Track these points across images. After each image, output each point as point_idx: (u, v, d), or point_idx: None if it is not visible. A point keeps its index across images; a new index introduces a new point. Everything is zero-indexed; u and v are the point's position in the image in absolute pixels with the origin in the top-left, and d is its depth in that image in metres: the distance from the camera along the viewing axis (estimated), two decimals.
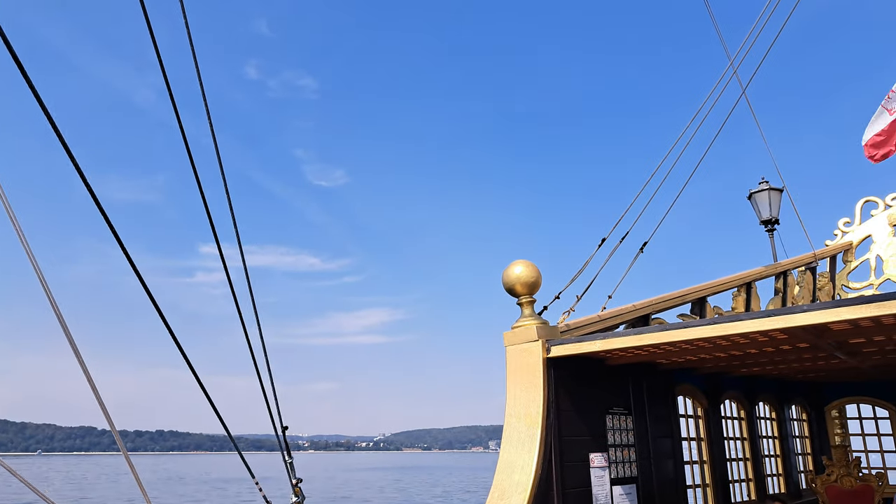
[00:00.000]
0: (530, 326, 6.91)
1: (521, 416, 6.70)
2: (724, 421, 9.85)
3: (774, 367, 9.39)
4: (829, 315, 5.70)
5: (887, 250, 12.89)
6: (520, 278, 6.99)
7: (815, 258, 12.29)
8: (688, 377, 9.11)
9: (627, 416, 7.70)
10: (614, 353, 7.28)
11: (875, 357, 8.55)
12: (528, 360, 6.84)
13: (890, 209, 13.03)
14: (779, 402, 11.36)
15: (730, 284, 10.35)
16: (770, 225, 13.54)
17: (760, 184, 13.81)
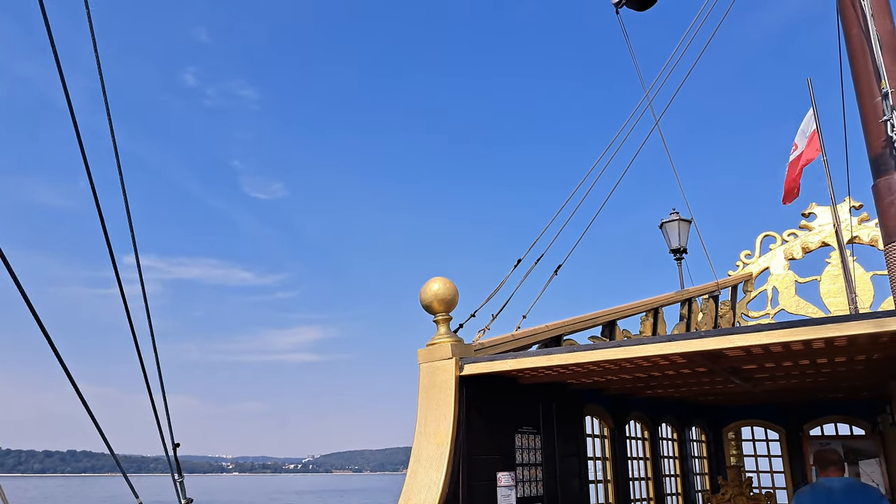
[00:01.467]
0: (445, 344, 6.92)
1: (430, 434, 6.67)
2: (628, 441, 10.18)
3: (676, 390, 9.81)
4: (723, 342, 6.02)
5: (783, 282, 13.82)
6: (437, 295, 7.00)
7: (717, 287, 13.01)
8: (596, 398, 9.37)
9: (536, 435, 7.81)
10: (526, 372, 7.40)
11: (767, 382, 9.09)
12: (441, 378, 6.83)
13: (786, 244, 14.01)
14: (680, 423, 11.87)
15: (639, 309, 10.79)
16: (678, 254, 14.26)
17: (671, 214, 14.55)
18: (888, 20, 6.01)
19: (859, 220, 13.18)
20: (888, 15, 6.08)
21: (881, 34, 5.73)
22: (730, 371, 7.98)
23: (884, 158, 5.52)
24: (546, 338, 8.30)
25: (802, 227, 13.86)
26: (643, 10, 9.31)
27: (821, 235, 13.54)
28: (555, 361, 6.74)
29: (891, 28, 5.96)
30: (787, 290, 13.73)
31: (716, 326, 12.81)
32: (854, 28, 5.99)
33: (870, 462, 11.72)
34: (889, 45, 5.80)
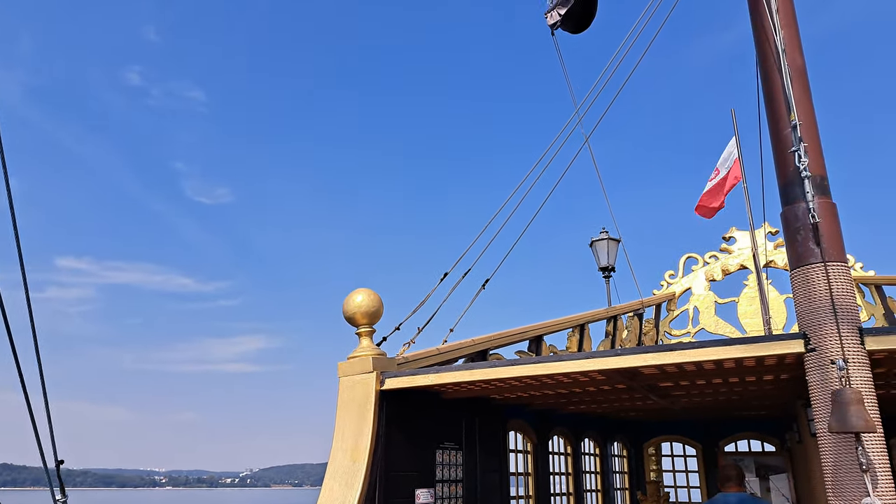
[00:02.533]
0: (366, 357, 6.77)
1: (347, 450, 6.49)
2: (551, 456, 10.25)
3: (599, 406, 9.96)
4: (639, 360, 6.13)
5: (703, 303, 14.33)
6: (360, 307, 6.85)
7: (642, 305, 13.36)
8: (519, 413, 9.39)
9: (458, 450, 7.74)
10: (449, 387, 7.33)
11: (683, 400, 9.35)
12: (361, 392, 6.67)
13: (707, 265, 14.55)
14: (602, 438, 12.06)
15: (565, 325, 10.92)
16: (606, 272, 14.59)
17: (601, 233, 14.89)
18: (799, 56, 6.32)
19: (775, 245, 13.84)
20: (799, 51, 6.40)
21: (792, 69, 6.01)
22: (648, 388, 8.16)
23: (792, 187, 5.77)
24: (472, 352, 8.26)
25: (723, 250, 14.44)
26: (577, 32, 9.52)
27: (739, 259, 14.14)
28: (478, 376, 6.70)
29: (801, 64, 6.27)
30: (707, 310, 14.24)
31: (639, 344, 13.13)
32: (768, 62, 6.27)
33: (780, 477, 12.24)
34: (799, 80, 6.09)
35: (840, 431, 4.85)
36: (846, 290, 5.39)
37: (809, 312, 5.50)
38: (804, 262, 5.57)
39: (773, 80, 6.16)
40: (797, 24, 6.36)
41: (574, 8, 9.09)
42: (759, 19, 6.40)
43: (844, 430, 4.77)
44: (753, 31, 6.54)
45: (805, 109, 5.90)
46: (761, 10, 6.29)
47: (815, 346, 5.37)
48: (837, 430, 4.82)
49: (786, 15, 6.26)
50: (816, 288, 5.44)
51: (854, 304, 5.43)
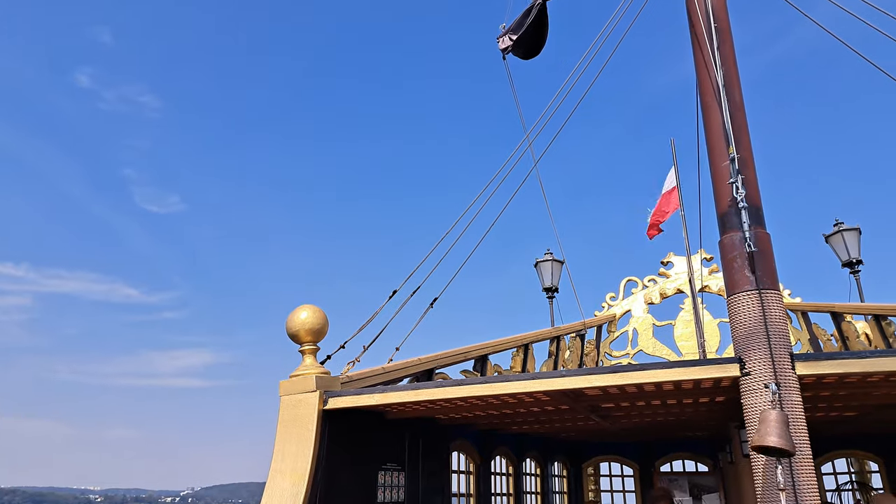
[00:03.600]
0: (309, 376, 6.61)
1: (286, 472, 6.29)
2: (493, 477, 10.24)
3: (541, 426, 10.04)
4: (583, 381, 6.23)
5: (642, 325, 14.72)
6: (304, 324, 6.70)
7: (584, 326, 13.61)
8: (463, 433, 9.36)
9: (400, 471, 7.63)
10: (393, 407, 7.24)
11: (623, 420, 9.53)
12: (303, 412, 6.50)
13: (646, 289, 14.97)
14: (543, 458, 12.15)
15: (510, 344, 11.00)
16: (550, 292, 14.81)
17: (546, 254, 15.13)
18: (738, 92, 6.65)
19: (710, 270, 14.40)
20: (738, 87, 6.73)
21: (731, 104, 6.31)
22: (590, 409, 8.28)
23: (729, 217, 6.03)
24: (418, 371, 8.20)
25: (661, 275, 14.91)
26: (527, 58, 9.72)
27: (676, 283, 14.62)
28: (423, 396, 6.64)
29: (740, 99, 6.59)
30: (645, 332, 14.63)
31: (581, 364, 13.34)
32: (709, 96, 6.57)
33: (712, 496, 12.60)
34: (737, 115, 6.40)
35: (762, 451, 5.02)
36: (779, 316, 5.64)
37: (744, 337, 5.72)
38: (740, 289, 5.81)
39: (713, 113, 6.45)
40: (736, 62, 6.69)
41: (525, 35, 9.29)
42: (700, 56, 6.70)
43: (766, 445, 4.93)
44: (696, 67, 6.84)
45: (743, 143, 6.19)
46: (703, 47, 6.59)
47: (749, 370, 5.58)
48: (757, 444, 4.99)
49: (726, 52, 6.57)
50: (751, 314, 5.67)
51: (786, 331, 5.68)
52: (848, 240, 13.48)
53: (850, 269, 13.42)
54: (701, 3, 6.60)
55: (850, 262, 13.40)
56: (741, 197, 5.59)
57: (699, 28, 6.64)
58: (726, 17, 6.81)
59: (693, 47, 6.85)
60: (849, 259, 13.42)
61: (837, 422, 9.53)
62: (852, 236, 13.52)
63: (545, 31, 9.41)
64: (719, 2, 6.79)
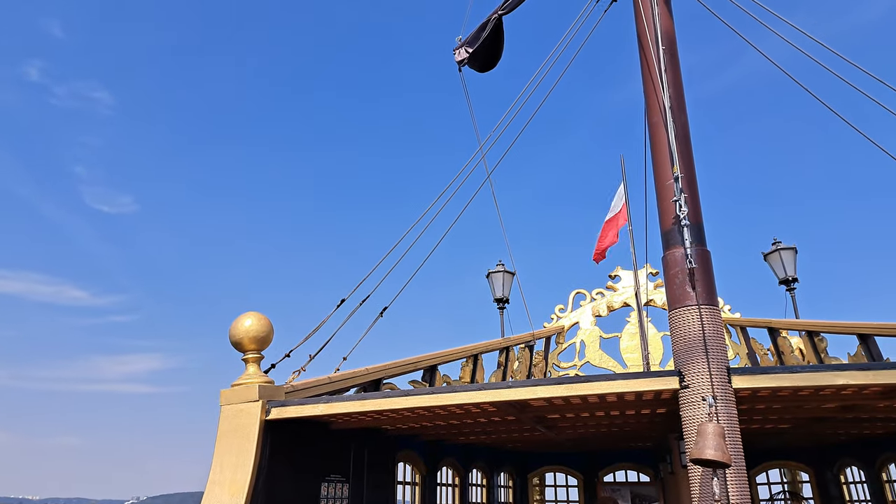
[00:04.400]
0: (252, 385, 6.46)
1: (225, 483, 6.12)
2: (439, 487, 10.20)
3: (488, 437, 10.07)
4: (529, 392, 6.29)
5: (589, 337, 14.97)
6: (248, 332, 6.55)
7: (533, 337, 13.74)
8: (410, 444, 9.30)
9: (344, 483, 7.51)
10: (339, 417, 7.14)
11: (568, 431, 9.66)
12: (244, 422, 6.34)
13: (594, 301, 15.25)
14: (490, 468, 12.18)
15: (460, 355, 11.00)
16: (501, 303, 14.92)
17: (497, 266, 15.24)
18: (683, 114, 6.87)
19: (655, 285, 14.77)
20: (684, 109, 6.96)
21: (676, 126, 6.52)
22: (535, 420, 8.36)
23: (672, 234, 6.22)
24: (365, 381, 8.11)
25: (609, 288, 15.21)
26: (483, 71, 9.83)
27: (623, 296, 14.95)
28: (369, 407, 6.57)
29: (684, 121, 6.82)
30: (592, 343, 14.88)
31: (529, 375, 13.46)
32: (656, 117, 6.77)
33: None
34: (682, 136, 6.61)
35: (700, 462, 5.17)
36: (717, 331, 5.82)
37: (684, 351, 5.89)
38: (681, 304, 5.98)
39: (659, 134, 6.65)
40: (683, 85, 6.92)
41: (481, 48, 9.39)
42: (649, 77, 6.90)
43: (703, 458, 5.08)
44: (644, 88, 7.04)
45: (686, 163, 6.39)
46: (652, 68, 6.79)
47: (688, 384, 5.74)
48: (695, 456, 5.14)
49: (673, 75, 6.79)
50: (691, 328, 5.84)
51: (723, 345, 5.87)
52: (785, 258, 14.06)
53: (787, 286, 13.99)
54: (650, 26, 6.81)
55: (786, 279, 13.97)
56: (684, 215, 5.77)
57: (648, 50, 6.85)
58: (674, 41, 7.04)
59: (642, 68, 7.06)
60: (785, 277, 13.98)
61: (772, 433, 9.89)
62: (789, 255, 14.11)
63: (501, 45, 9.53)
64: (668, 26, 7.02)
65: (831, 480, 12.28)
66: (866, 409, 7.46)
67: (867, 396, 6.59)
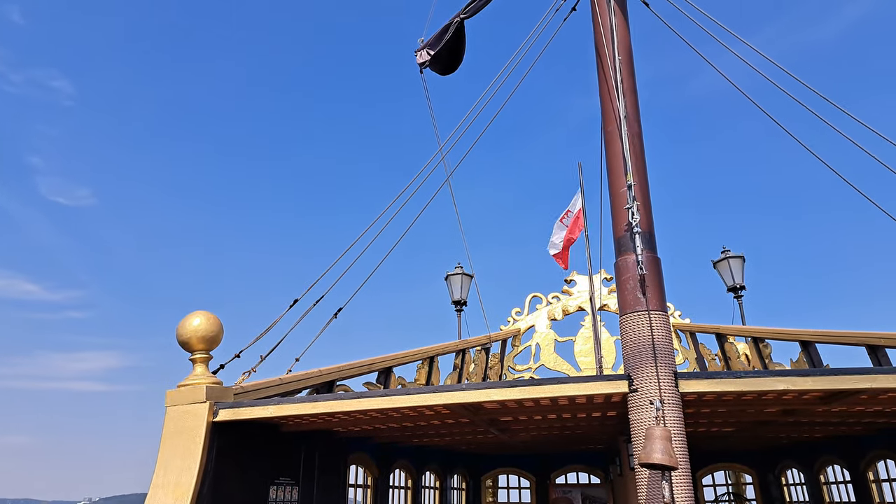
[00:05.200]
0: (199, 386, 6.30)
1: (169, 486, 5.95)
2: (391, 490, 10.14)
3: (441, 439, 10.07)
4: (482, 395, 6.31)
5: (545, 340, 15.14)
6: (197, 332, 6.39)
7: (489, 340, 13.81)
8: (362, 446, 9.22)
9: (294, 486, 7.40)
10: (289, 419, 7.02)
11: (521, 434, 9.73)
12: (191, 424, 6.18)
13: (550, 305, 15.43)
14: (443, 471, 12.18)
15: (415, 357, 10.97)
16: (458, 305, 14.95)
17: (456, 268, 15.28)
18: (637, 123, 7.02)
19: (609, 290, 15.03)
20: (638, 119, 7.11)
21: (631, 135, 6.65)
22: (489, 422, 8.40)
23: (625, 240, 6.34)
24: (317, 383, 8.00)
25: (564, 292, 15.42)
26: (444, 74, 9.84)
27: (578, 301, 15.17)
28: (321, 409, 6.48)
29: (638, 131, 6.97)
30: (547, 347, 15.05)
31: (485, 377, 13.52)
32: (612, 126, 6.89)
33: None
34: (636, 146, 6.75)
35: (647, 466, 5.28)
36: (665, 337, 5.95)
37: (633, 355, 6.00)
38: (631, 310, 6.09)
39: (614, 142, 6.77)
40: (637, 95, 7.06)
41: (443, 51, 9.39)
42: (605, 87, 7.02)
43: (651, 462, 5.19)
44: (600, 97, 7.16)
45: (639, 172, 6.52)
46: (608, 79, 6.91)
47: (637, 387, 5.85)
48: (643, 461, 5.24)
49: (629, 85, 6.92)
50: (640, 334, 5.96)
51: (671, 350, 6.01)
52: (733, 266, 14.50)
53: (735, 293, 14.43)
54: (608, 38, 6.93)
55: (734, 287, 14.41)
56: (636, 222, 5.88)
57: (605, 60, 6.96)
58: (630, 52, 7.18)
59: (599, 78, 7.17)
60: (733, 284, 14.42)
61: (717, 436, 10.17)
62: (737, 263, 14.56)
63: (462, 48, 9.55)
64: (625, 38, 7.16)
65: (773, 482, 12.71)
66: (806, 413, 7.74)
67: (807, 401, 6.84)
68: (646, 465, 5.27)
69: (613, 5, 7.08)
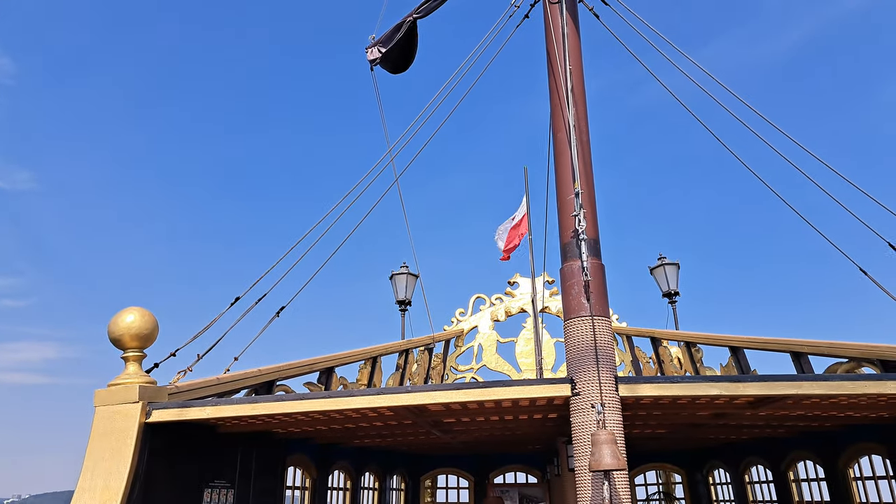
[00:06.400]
0: (132, 386, 6.03)
1: (96, 489, 5.66)
2: (330, 492, 10.00)
3: (383, 440, 10.00)
4: (427, 397, 6.29)
5: (487, 341, 15.27)
6: (130, 329, 6.11)
7: (433, 340, 13.82)
8: (301, 447, 9.05)
9: (229, 489, 7.18)
10: (227, 421, 6.81)
11: (462, 435, 9.77)
12: (121, 425, 5.90)
13: (494, 307, 15.58)
14: (383, 472, 12.10)
15: (358, 357, 10.85)
16: (403, 305, 14.89)
17: (401, 267, 15.21)
18: (586, 132, 7.16)
19: (551, 293, 15.31)
20: (585, 127, 7.25)
21: (579, 142, 6.78)
22: (432, 424, 8.39)
23: (571, 247, 6.46)
24: (256, 383, 7.79)
25: (507, 294, 15.61)
26: (395, 73, 9.77)
27: (521, 302, 15.38)
28: (261, 411, 6.32)
29: (586, 139, 7.10)
30: (490, 348, 15.19)
31: (427, 378, 13.52)
32: (560, 133, 7.00)
33: None
34: (584, 154, 6.88)
35: (597, 470, 5.39)
36: (608, 342, 6.09)
37: (577, 359, 6.11)
38: (576, 315, 6.20)
39: (563, 150, 6.87)
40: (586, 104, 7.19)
41: (394, 49, 9.32)
42: (556, 95, 7.12)
43: (603, 468, 5.30)
44: (551, 105, 7.26)
45: (587, 180, 6.65)
46: (559, 87, 7.02)
47: (579, 391, 5.96)
48: (595, 468, 5.36)
49: (579, 94, 7.05)
50: (584, 338, 6.07)
51: (613, 355, 6.15)
52: (668, 273, 15.02)
53: (669, 299, 14.95)
54: (560, 46, 7.03)
55: (669, 292, 14.93)
56: (582, 229, 5.98)
57: (556, 69, 7.06)
58: (580, 62, 7.31)
59: (550, 86, 7.27)
60: (668, 290, 14.93)
61: (650, 438, 10.51)
62: (672, 270, 15.08)
63: (415, 48, 9.50)
64: (575, 48, 7.28)
65: (700, 481, 13.24)
66: (735, 416, 8.09)
67: (738, 406, 7.14)
68: (598, 470, 5.36)
69: (566, 14, 7.19)
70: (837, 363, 8.04)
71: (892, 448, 8.06)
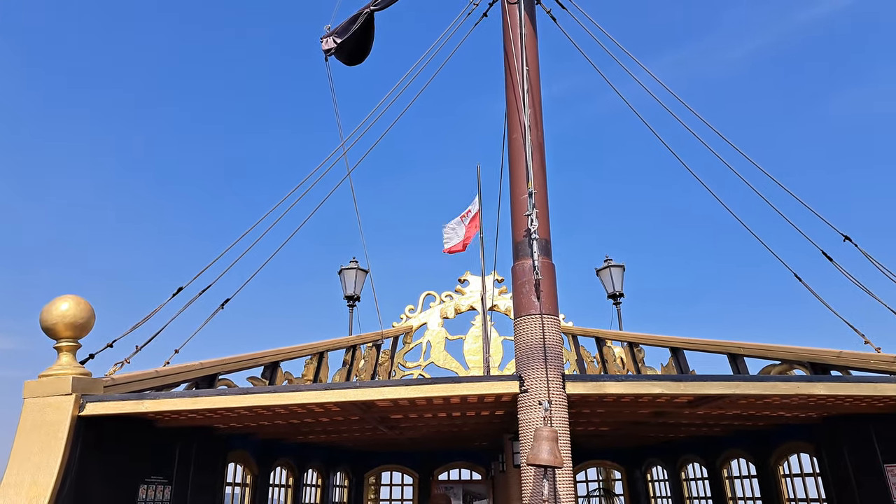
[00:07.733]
0: (64, 377, 5.75)
1: (23, 485, 5.38)
2: (271, 489, 9.81)
3: (328, 436, 9.87)
4: (375, 393, 6.24)
5: (436, 338, 15.28)
6: (64, 317, 5.83)
7: (381, 336, 13.73)
8: (243, 443, 8.85)
9: (167, 485, 6.95)
10: (166, 415, 6.58)
11: (409, 431, 9.75)
12: (52, 418, 5.62)
13: (443, 304, 15.60)
14: (326, 468, 11.96)
15: (304, 352, 10.68)
16: (351, 301, 14.74)
17: (351, 262, 15.05)
18: (540, 134, 7.24)
19: (500, 291, 15.45)
20: (541, 129, 7.33)
21: (534, 144, 6.85)
22: (379, 420, 8.33)
23: (523, 246, 6.52)
24: (198, 377, 7.55)
25: (457, 291, 15.66)
26: (351, 65, 9.64)
27: (470, 300, 15.46)
28: (202, 405, 6.13)
29: (541, 141, 7.18)
30: (438, 345, 15.21)
31: (375, 373, 13.43)
32: (515, 133, 7.06)
33: (482, 503, 13.42)
34: (538, 155, 6.96)
35: (534, 465, 5.46)
36: (556, 340, 6.18)
37: (525, 357, 6.17)
38: (526, 313, 6.27)
39: (518, 150, 6.93)
40: (541, 106, 7.26)
41: (350, 40, 9.19)
42: (512, 95, 7.17)
43: (538, 464, 5.37)
44: (507, 106, 7.30)
45: (540, 181, 6.72)
46: (516, 88, 7.07)
47: (527, 388, 6.03)
48: (532, 463, 5.42)
49: (535, 96, 7.11)
50: (533, 336, 6.14)
51: (561, 353, 6.24)
52: (614, 274, 15.37)
53: (614, 300, 15.31)
54: (517, 47, 7.08)
55: (614, 294, 15.28)
56: (534, 229, 6.05)
57: (513, 70, 7.11)
58: (537, 64, 7.38)
59: (506, 87, 7.31)
60: (613, 291, 15.29)
61: (594, 435, 10.74)
62: (618, 272, 15.45)
63: (371, 40, 9.40)
64: (533, 49, 7.35)
65: (639, 478, 13.62)
66: (674, 415, 8.35)
67: (677, 404, 7.36)
68: (533, 464, 5.43)
69: (524, 15, 7.25)
70: (771, 365, 8.39)
71: (819, 447, 8.47)
